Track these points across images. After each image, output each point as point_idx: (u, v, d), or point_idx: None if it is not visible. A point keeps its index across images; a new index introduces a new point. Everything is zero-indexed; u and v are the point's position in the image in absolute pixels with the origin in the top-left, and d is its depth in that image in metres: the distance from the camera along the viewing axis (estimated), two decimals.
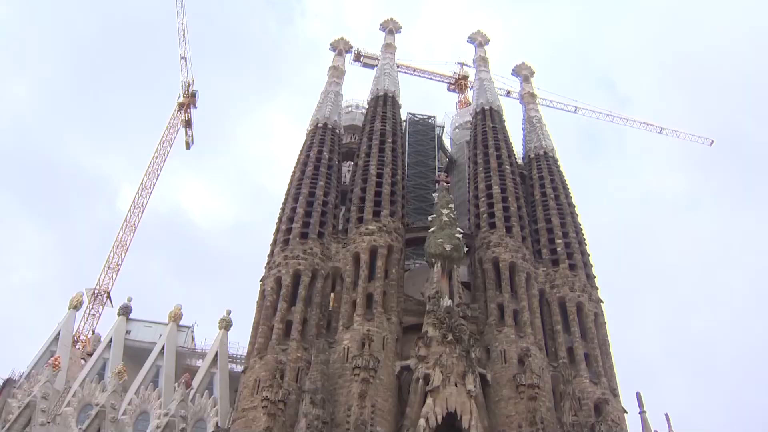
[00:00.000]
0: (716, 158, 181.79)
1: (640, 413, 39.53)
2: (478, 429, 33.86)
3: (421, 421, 33.72)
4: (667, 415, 39.19)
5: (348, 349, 37.96)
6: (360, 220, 45.13)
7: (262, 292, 42.54)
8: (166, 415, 41.39)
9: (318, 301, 41.35)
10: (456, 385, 35.35)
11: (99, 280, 75.15)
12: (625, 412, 40.39)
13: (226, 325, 54.24)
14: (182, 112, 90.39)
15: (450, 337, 37.20)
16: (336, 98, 57.62)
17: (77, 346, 60.25)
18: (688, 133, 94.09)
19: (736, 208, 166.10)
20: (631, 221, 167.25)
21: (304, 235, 44.05)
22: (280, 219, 46.58)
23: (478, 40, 67.11)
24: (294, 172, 49.65)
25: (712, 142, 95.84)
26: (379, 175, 47.72)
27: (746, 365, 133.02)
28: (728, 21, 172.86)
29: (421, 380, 35.71)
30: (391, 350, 38.59)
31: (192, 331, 58.39)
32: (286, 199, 47.71)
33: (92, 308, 72.07)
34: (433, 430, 33.80)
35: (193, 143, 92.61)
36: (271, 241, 45.85)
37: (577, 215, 50.93)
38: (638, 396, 39.90)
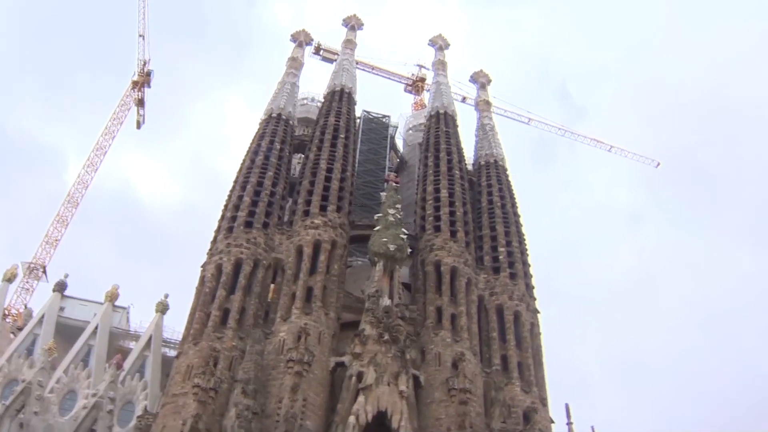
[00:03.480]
0: (662, 179, 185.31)
1: (567, 424, 40.16)
2: (407, 430, 34.03)
3: (351, 419, 33.78)
4: (593, 428, 39.97)
5: (284, 341, 37.78)
6: (306, 213, 44.98)
7: (202, 278, 42.17)
8: (94, 395, 40.95)
9: (257, 291, 41.10)
10: (388, 385, 35.50)
11: (36, 253, 73.82)
12: (553, 422, 41.05)
13: (162, 308, 53.82)
14: (135, 90, 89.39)
15: (386, 336, 37.34)
16: (292, 89, 57.35)
17: (8, 320, 59.11)
18: (636, 153, 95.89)
19: (677, 229, 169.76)
20: (577, 233, 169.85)
21: (248, 224, 43.78)
22: (226, 206, 46.21)
23: (439, 44, 67.39)
24: (244, 160, 49.29)
25: (659, 163, 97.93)
26: (329, 170, 47.62)
27: (679, 382, 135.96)
28: (688, 47, 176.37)
29: (354, 377, 35.79)
30: (326, 345, 38.54)
31: (128, 313, 57.88)
32: (233, 187, 47.38)
33: (26, 282, 70.85)
34: (363, 428, 33.89)
35: (144, 122, 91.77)
36: (215, 227, 45.42)
37: (522, 225, 51.54)
38: (567, 407, 40.50)
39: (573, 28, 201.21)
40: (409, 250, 44.22)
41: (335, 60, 65.30)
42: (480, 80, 66.15)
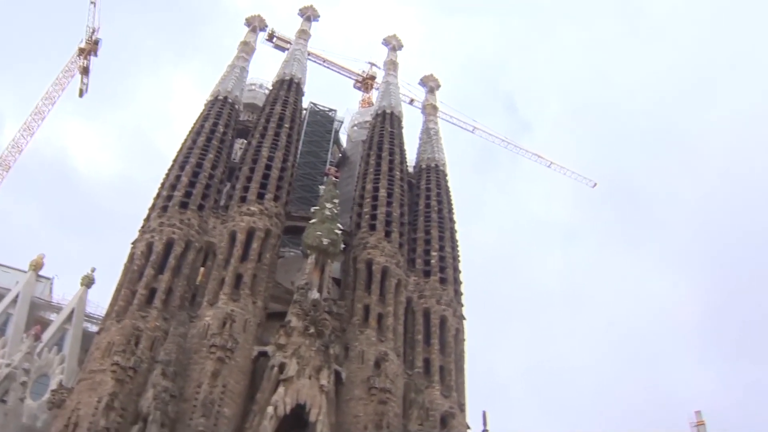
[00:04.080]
0: (597, 200, 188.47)
1: (483, 431, 41.00)
2: (325, 424, 34.21)
3: (270, 409, 33.82)
4: None
5: (209, 326, 37.45)
6: (243, 199, 44.70)
7: (132, 256, 41.66)
8: (8, 365, 40.03)
9: (186, 274, 40.69)
10: (310, 378, 35.59)
11: None
12: (469, 428, 41.69)
13: (87, 282, 52.89)
14: (81, 58, 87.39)
15: (312, 329, 37.39)
16: (241, 74, 56.95)
17: None
18: (574, 172, 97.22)
19: (608, 249, 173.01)
20: (511, 244, 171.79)
21: (183, 205, 43.35)
22: (162, 184, 45.69)
23: (393, 44, 67.51)
24: (185, 140, 48.78)
25: (595, 184, 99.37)
26: (270, 158, 47.38)
27: (597, 400, 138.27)
28: (635, 74, 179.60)
29: (276, 368, 35.77)
30: (251, 334, 38.40)
31: (51, 283, 56.64)
32: (172, 166, 46.84)
33: None
34: (280, 419, 34.00)
35: (87, 92, 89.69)
36: (150, 205, 44.88)
37: (456, 231, 52.08)
38: (484, 414, 41.20)
39: (526, 44, 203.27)
40: (343, 245, 44.35)
41: (287, 49, 65.03)
42: (429, 84, 66.56)
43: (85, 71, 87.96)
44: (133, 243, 42.56)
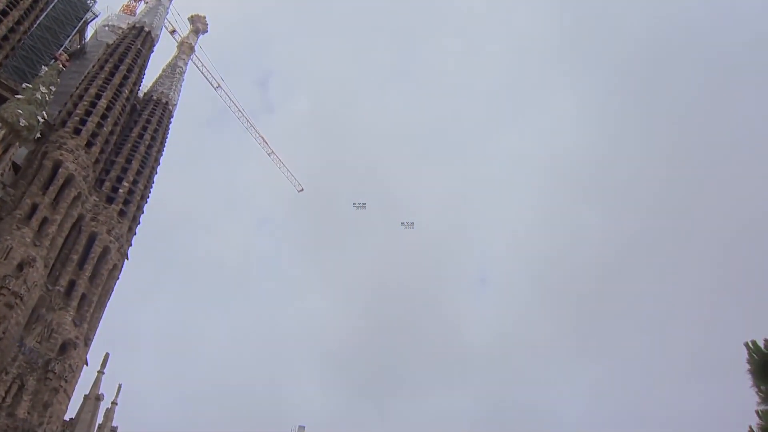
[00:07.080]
0: (298, 205, 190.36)
1: (99, 372, 40.36)
2: None
3: None
4: (120, 386, 40.73)
5: None
6: None
7: None
8: None
9: None
10: None
11: None
12: (86, 364, 40.51)
13: None
14: None
15: None
16: None
17: None
18: (289, 171, 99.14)
19: (288, 251, 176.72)
20: (203, 208, 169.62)
21: None
22: None
23: None
24: None
25: (302, 189, 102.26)
26: (4, 13, 43.04)
27: (215, 389, 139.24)
28: (388, 111, 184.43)
29: None
30: None
31: None
32: None
33: None
34: None
35: None
36: None
37: (156, 173, 50.73)
38: (106, 357, 40.85)
39: (306, 35, 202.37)
40: (39, 135, 41.32)
41: None
42: (197, 24, 64.50)
43: None
44: None
